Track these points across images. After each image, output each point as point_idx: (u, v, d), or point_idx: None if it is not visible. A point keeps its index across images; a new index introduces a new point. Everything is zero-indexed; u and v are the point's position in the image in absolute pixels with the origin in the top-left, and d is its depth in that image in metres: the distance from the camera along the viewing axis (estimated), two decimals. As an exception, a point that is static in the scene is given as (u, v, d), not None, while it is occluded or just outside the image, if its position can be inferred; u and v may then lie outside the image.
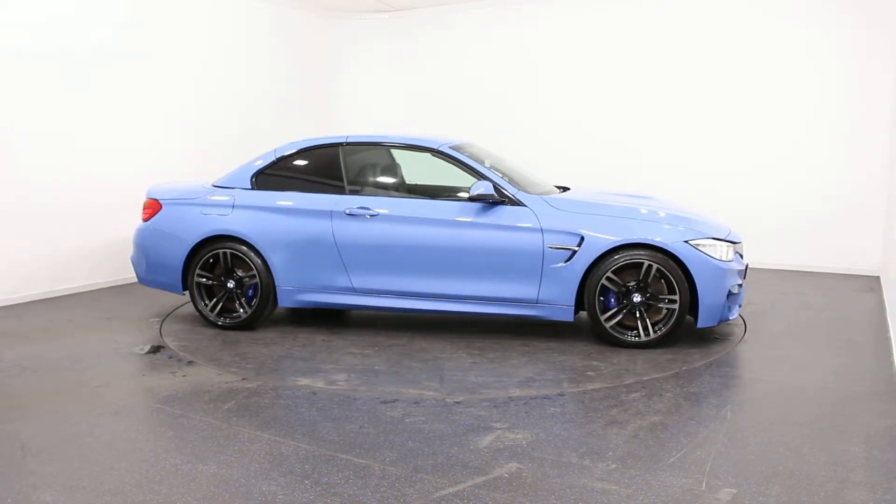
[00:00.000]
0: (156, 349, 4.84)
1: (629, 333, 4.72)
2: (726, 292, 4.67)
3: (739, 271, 4.84)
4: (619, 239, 4.63)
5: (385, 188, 5.53)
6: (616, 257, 4.64)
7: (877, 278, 7.04)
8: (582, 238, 4.68)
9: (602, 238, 4.65)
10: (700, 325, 4.68)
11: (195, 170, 7.71)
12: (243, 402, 3.87)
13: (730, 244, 4.78)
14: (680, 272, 4.60)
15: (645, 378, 4.16)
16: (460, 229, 4.88)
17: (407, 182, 5.74)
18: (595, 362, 4.45)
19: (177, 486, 2.86)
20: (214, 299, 5.33)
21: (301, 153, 5.54)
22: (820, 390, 3.96)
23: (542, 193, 5.08)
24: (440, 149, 5.15)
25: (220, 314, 5.31)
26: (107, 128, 6.81)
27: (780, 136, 7.50)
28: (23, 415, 3.65)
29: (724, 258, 4.70)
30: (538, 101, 8.78)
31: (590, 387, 4.03)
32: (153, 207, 5.49)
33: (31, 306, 6.05)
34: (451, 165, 5.12)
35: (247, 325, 5.26)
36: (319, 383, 4.11)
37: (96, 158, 6.73)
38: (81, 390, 4.02)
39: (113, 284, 6.90)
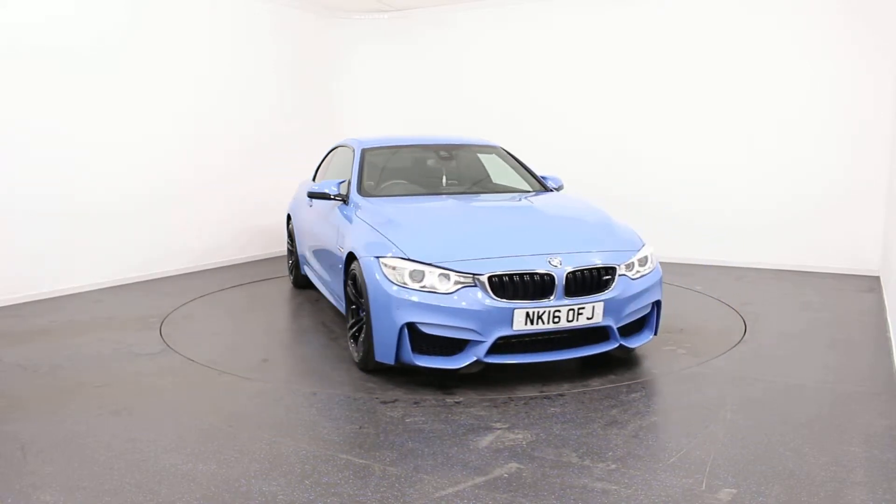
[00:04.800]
0: (156, 349, 4.84)
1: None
2: (397, 327, 3.87)
3: (434, 306, 3.81)
4: (347, 248, 4.48)
5: None
6: (351, 266, 4.39)
7: (877, 278, 7.04)
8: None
9: (344, 246, 4.62)
10: (377, 358, 4.04)
11: (195, 169, 7.73)
12: (243, 402, 3.87)
13: (449, 272, 3.86)
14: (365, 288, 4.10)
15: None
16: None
17: None
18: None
19: (177, 486, 2.86)
20: None
21: None
22: (820, 390, 3.96)
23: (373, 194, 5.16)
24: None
25: None
26: (107, 128, 6.81)
27: (780, 136, 7.50)
28: (23, 415, 3.65)
29: (397, 281, 3.91)
30: (538, 101, 8.78)
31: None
32: None
33: (31, 306, 6.04)
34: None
35: None
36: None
37: (97, 158, 6.73)
38: (81, 390, 4.02)
39: (113, 284, 6.90)
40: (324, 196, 5.18)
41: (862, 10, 7.03)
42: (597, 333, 4.13)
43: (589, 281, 4.01)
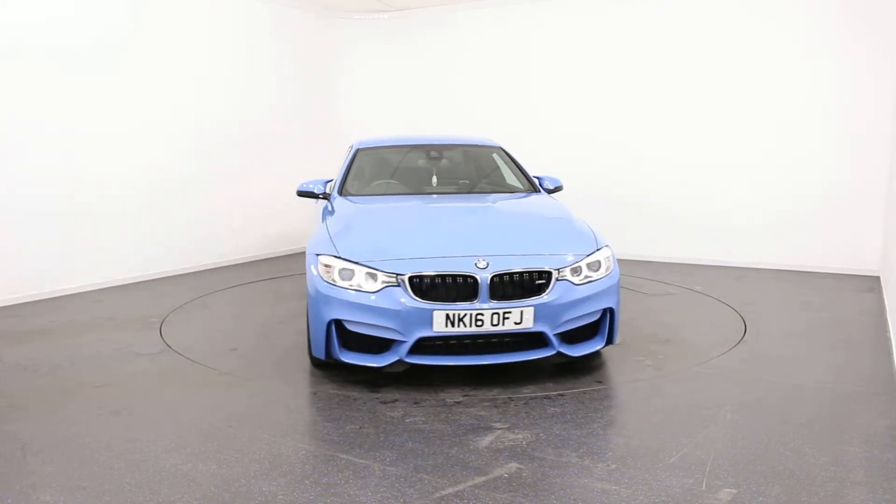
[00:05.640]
0: (156, 349, 4.84)
1: None
2: (325, 323, 3.94)
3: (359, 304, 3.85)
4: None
5: None
6: None
7: (877, 278, 7.04)
8: None
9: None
10: (313, 353, 4.15)
11: (195, 170, 7.73)
12: (243, 402, 3.87)
13: (377, 271, 3.89)
14: None
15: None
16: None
17: None
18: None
19: (177, 486, 2.86)
20: None
21: None
22: (820, 390, 3.96)
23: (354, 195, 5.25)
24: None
25: None
26: (107, 128, 6.81)
27: (780, 136, 7.50)
28: (23, 415, 3.65)
29: (328, 279, 3.98)
30: (538, 101, 8.78)
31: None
32: None
33: (31, 306, 6.04)
34: None
35: None
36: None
37: (97, 158, 6.73)
38: (81, 390, 4.02)
39: (113, 284, 6.90)
40: (310, 195, 5.34)
41: (862, 10, 7.03)
42: (539, 338, 3.98)
43: (519, 285, 3.89)
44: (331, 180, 5.66)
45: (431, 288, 3.84)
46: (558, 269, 3.99)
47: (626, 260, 8.34)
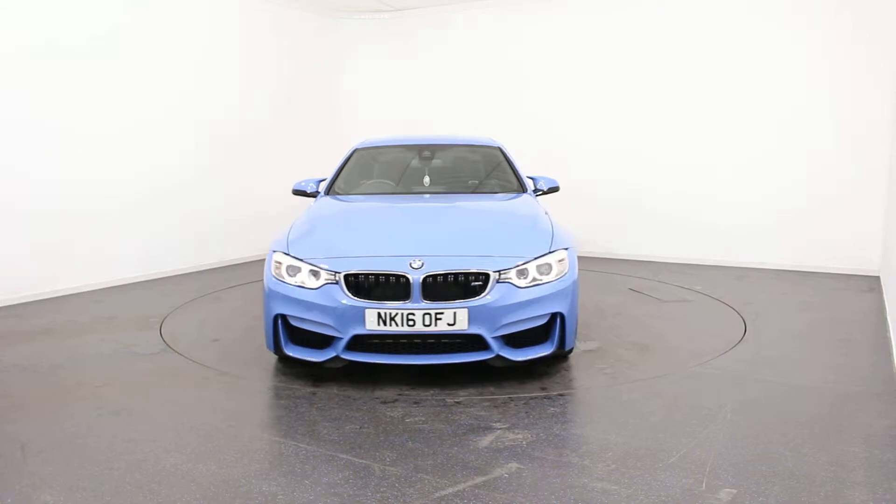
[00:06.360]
0: (156, 349, 4.84)
1: None
2: (272, 318, 4.11)
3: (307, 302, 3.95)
4: None
5: None
6: None
7: (877, 278, 7.04)
8: None
9: None
10: (267, 346, 4.29)
11: (195, 170, 7.73)
12: (243, 402, 3.87)
13: (319, 269, 3.99)
14: None
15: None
16: None
17: None
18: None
19: (177, 486, 2.86)
20: None
21: None
22: (819, 390, 3.96)
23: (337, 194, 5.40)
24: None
25: None
26: (107, 128, 6.81)
27: (780, 136, 7.50)
28: (23, 415, 3.65)
29: (277, 275, 4.13)
30: (538, 100, 8.78)
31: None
32: None
33: (31, 306, 6.04)
34: None
35: None
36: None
37: (97, 159, 6.73)
38: (81, 390, 4.02)
39: (113, 284, 6.90)
40: (304, 193, 5.57)
41: (862, 10, 7.03)
42: (481, 340, 3.92)
43: (454, 286, 3.88)
44: (324, 179, 5.72)
45: (366, 286, 3.90)
46: (500, 271, 3.93)
47: (627, 260, 8.34)
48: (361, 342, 3.95)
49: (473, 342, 3.94)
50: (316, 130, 9.32)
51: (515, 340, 4.03)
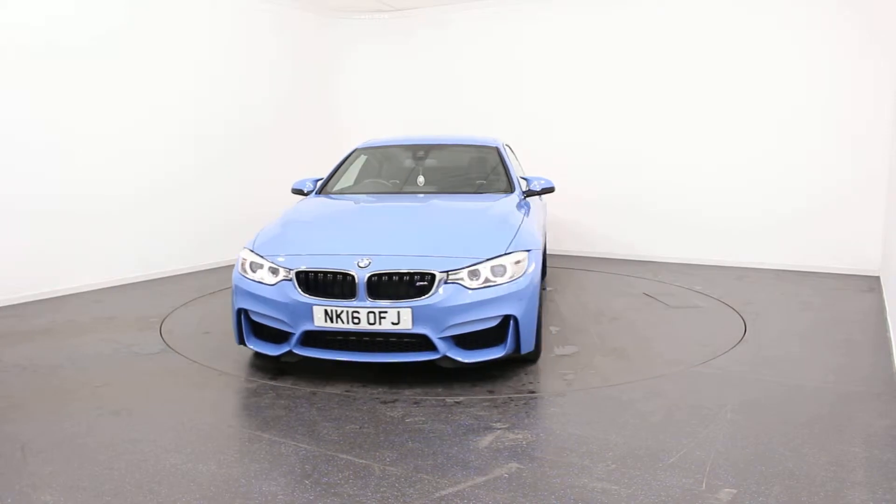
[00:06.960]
0: (156, 349, 4.84)
1: None
2: (234, 311, 4.28)
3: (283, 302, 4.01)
4: None
5: None
6: None
7: (877, 278, 7.04)
8: None
9: None
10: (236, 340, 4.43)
11: (195, 170, 7.72)
12: (243, 402, 3.87)
13: (277, 267, 4.12)
14: None
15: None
16: None
17: None
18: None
19: (177, 486, 2.86)
20: None
21: None
22: (819, 390, 3.96)
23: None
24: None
25: None
26: (107, 128, 6.81)
27: (780, 136, 7.50)
28: (23, 415, 3.65)
29: (241, 271, 4.29)
30: (538, 100, 8.78)
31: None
32: None
33: (31, 306, 6.04)
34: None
35: None
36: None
37: (97, 159, 6.73)
38: (81, 390, 4.02)
39: (113, 284, 6.90)
40: (302, 192, 5.65)
41: (862, 10, 7.03)
42: (428, 340, 3.92)
43: (399, 285, 3.87)
44: (321, 178, 5.76)
45: (315, 284, 3.98)
46: (448, 272, 3.90)
47: (627, 260, 8.34)
48: (315, 338, 4.06)
49: (423, 342, 3.94)
50: (316, 130, 9.32)
51: (468, 342, 3.99)
